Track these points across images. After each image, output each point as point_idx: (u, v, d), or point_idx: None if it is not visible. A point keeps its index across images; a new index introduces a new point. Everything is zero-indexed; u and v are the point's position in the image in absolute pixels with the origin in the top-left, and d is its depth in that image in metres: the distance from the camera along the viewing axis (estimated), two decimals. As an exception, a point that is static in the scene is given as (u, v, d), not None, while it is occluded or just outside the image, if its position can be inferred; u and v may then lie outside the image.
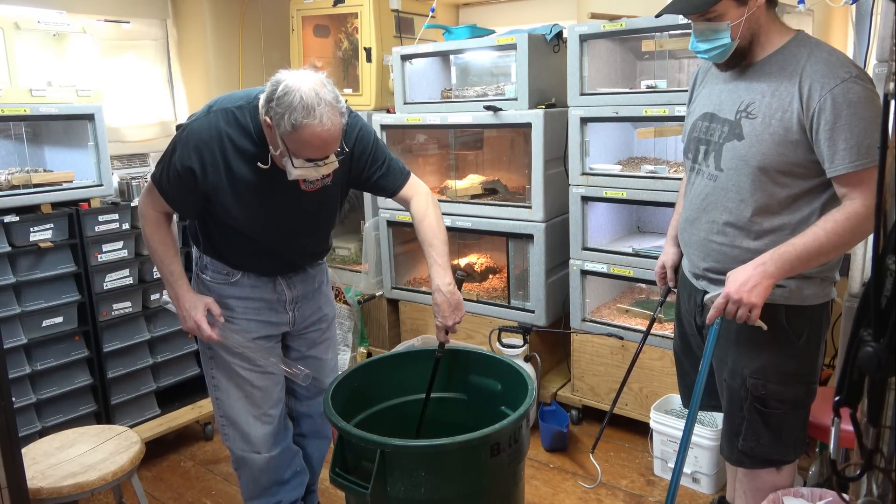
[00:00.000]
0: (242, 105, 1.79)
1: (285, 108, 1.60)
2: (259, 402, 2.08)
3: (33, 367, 2.61)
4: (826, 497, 1.79)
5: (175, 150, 1.81)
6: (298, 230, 1.98)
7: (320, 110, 1.60)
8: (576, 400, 3.09)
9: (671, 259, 2.10)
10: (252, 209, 1.86)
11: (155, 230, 1.92)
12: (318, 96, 1.61)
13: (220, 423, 2.13)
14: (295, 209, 1.92)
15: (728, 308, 1.66)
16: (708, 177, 1.79)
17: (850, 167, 1.56)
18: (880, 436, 1.11)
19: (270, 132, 1.70)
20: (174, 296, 1.93)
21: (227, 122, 1.78)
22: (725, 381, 1.86)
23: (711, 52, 1.70)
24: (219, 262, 2.00)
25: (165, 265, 1.93)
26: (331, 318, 2.23)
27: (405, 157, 3.56)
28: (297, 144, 1.65)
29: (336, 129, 1.66)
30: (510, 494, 1.81)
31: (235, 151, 1.78)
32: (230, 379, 2.05)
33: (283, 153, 1.69)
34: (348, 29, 3.73)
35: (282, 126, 1.63)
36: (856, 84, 1.55)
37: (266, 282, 2.02)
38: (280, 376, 2.12)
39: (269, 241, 1.95)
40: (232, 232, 1.93)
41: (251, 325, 2.02)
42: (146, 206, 1.91)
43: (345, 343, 3.57)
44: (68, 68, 2.83)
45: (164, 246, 1.93)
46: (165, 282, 1.95)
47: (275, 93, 1.63)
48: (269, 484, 2.18)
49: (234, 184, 1.81)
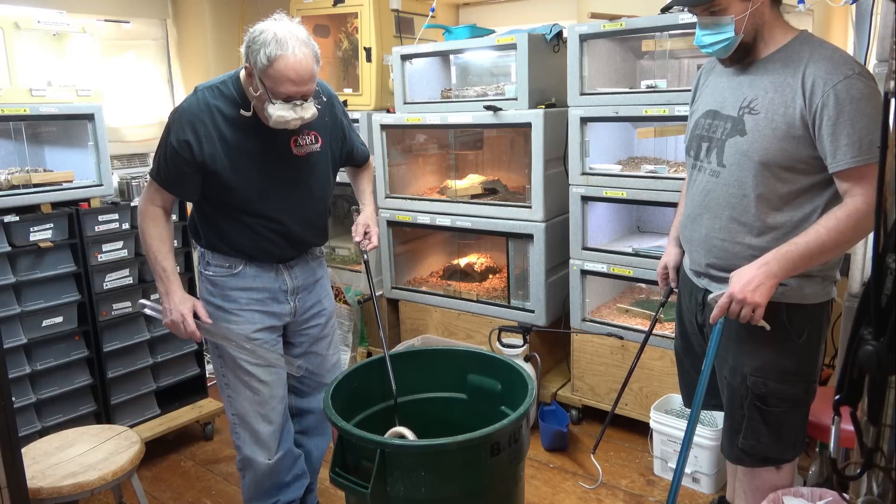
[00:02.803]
0: (225, 79, 1.94)
1: (260, 44, 1.74)
2: (266, 399, 2.10)
3: (33, 367, 2.61)
4: (826, 497, 1.78)
5: (170, 132, 1.89)
6: (294, 200, 2.02)
7: (293, 43, 1.75)
8: (576, 400, 3.09)
9: (673, 259, 2.10)
10: (250, 175, 1.94)
11: (152, 225, 1.95)
12: (290, 33, 1.76)
13: (232, 423, 2.16)
14: (290, 175, 2.00)
15: (732, 308, 1.67)
16: (710, 173, 1.80)
17: (852, 162, 1.56)
18: (880, 434, 1.11)
19: (250, 81, 1.83)
20: (164, 291, 1.95)
21: (213, 97, 1.90)
22: (726, 379, 1.86)
23: (716, 46, 1.71)
24: (220, 255, 2.04)
25: (159, 261, 1.95)
26: (330, 313, 2.26)
27: (405, 156, 3.56)
28: (273, 80, 1.76)
29: (309, 62, 1.78)
30: (510, 494, 1.81)
31: (225, 121, 1.89)
32: (238, 376, 2.08)
33: (263, 97, 1.80)
34: (348, 29, 3.73)
35: (258, 63, 1.75)
36: (858, 81, 1.56)
37: (268, 270, 2.06)
38: (282, 374, 2.14)
39: (268, 212, 1.99)
40: (233, 213, 1.98)
41: (255, 317, 2.06)
42: (145, 202, 1.97)
43: (345, 343, 3.57)
44: (68, 68, 2.83)
45: (159, 241, 1.96)
46: (157, 278, 1.97)
47: (249, 39, 1.78)
48: (270, 487, 2.20)
49: (229, 152, 1.90)
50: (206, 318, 1.99)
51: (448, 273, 3.63)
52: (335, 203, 3.94)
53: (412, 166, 3.60)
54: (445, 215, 3.25)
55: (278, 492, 2.22)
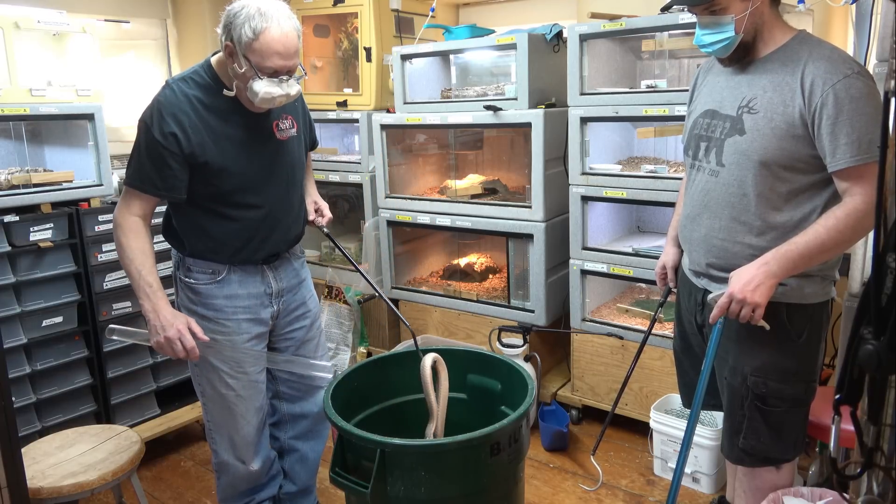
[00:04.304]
0: (196, 69, 1.90)
1: (244, 19, 1.72)
2: (242, 413, 2.07)
3: (33, 367, 2.61)
4: (826, 497, 1.78)
5: (149, 128, 1.81)
6: (280, 186, 2.00)
7: (277, 16, 1.74)
8: (576, 400, 3.09)
9: (671, 259, 2.10)
10: (240, 163, 1.90)
11: (133, 238, 1.84)
12: (272, 6, 1.75)
13: (208, 428, 2.15)
14: (274, 160, 1.98)
15: (732, 308, 1.67)
16: (709, 173, 1.80)
17: (851, 161, 1.56)
18: (881, 434, 1.11)
19: (232, 60, 1.79)
20: (150, 308, 1.82)
21: (189, 87, 1.85)
22: (726, 379, 1.86)
23: (716, 45, 1.72)
24: (204, 261, 1.97)
25: (143, 276, 1.82)
26: (315, 314, 2.22)
27: (405, 156, 3.56)
28: (260, 54, 1.74)
29: (294, 35, 1.77)
30: (510, 494, 1.81)
31: (207, 110, 1.85)
32: (215, 388, 2.04)
33: (248, 74, 1.76)
34: (348, 29, 3.73)
35: (243, 38, 1.73)
36: (857, 80, 1.57)
37: (253, 274, 2.01)
38: (261, 385, 2.11)
39: (255, 200, 1.94)
40: (218, 207, 1.91)
41: (242, 326, 2.01)
42: (122, 214, 1.85)
43: (345, 343, 3.57)
44: (68, 68, 2.84)
45: (142, 255, 1.83)
46: (141, 295, 1.83)
47: (230, 15, 1.75)
48: (246, 489, 2.21)
49: (217, 140, 1.86)
50: (202, 334, 1.86)
51: (448, 273, 3.63)
52: (335, 203, 3.94)
53: (412, 166, 3.60)
54: (445, 215, 3.25)
55: (252, 492, 2.22)
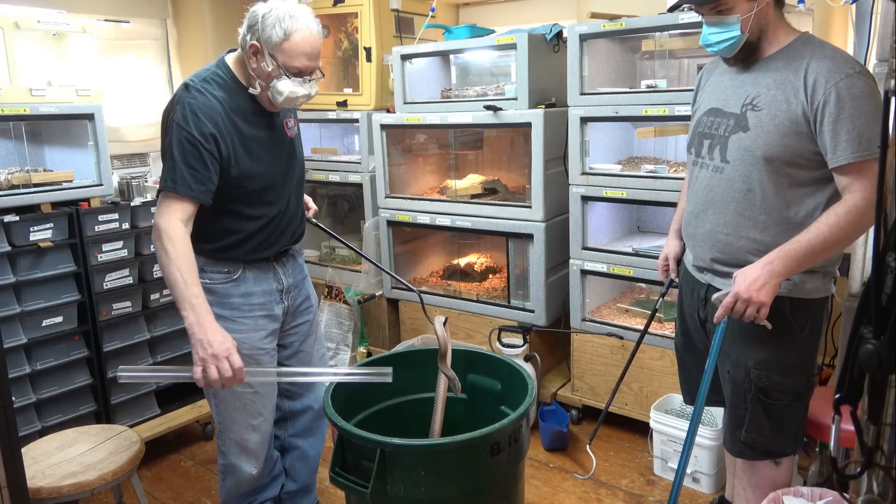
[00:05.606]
0: (213, 70, 1.90)
1: (274, 20, 1.77)
2: (259, 410, 2.07)
3: (33, 367, 2.61)
4: (826, 496, 1.78)
5: (186, 128, 1.76)
6: (293, 182, 2.06)
7: (306, 19, 1.81)
8: (576, 399, 3.09)
9: (674, 251, 2.13)
10: (265, 163, 1.94)
11: (180, 245, 1.74)
12: (300, 9, 1.81)
13: (217, 430, 2.13)
14: (288, 158, 2.03)
15: (737, 307, 1.69)
16: (713, 169, 1.82)
17: (852, 158, 1.59)
18: (881, 433, 1.11)
19: (256, 59, 1.82)
20: (196, 322, 1.72)
21: (214, 89, 1.86)
22: (729, 373, 1.88)
23: (722, 44, 1.74)
24: (219, 262, 1.97)
25: (189, 287, 1.73)
26: (315, 308, 2.27)
27: (405, 156, 3.56)
28: (289, 54, 1.79)
29: (319, 38, 1.85)
30: (510, 494, 1.81)
31: (233, 112, 1.87)
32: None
33: (273, 74, 1.81)
34: (348, 28, 3.73)
35: (273, 38, 1.77)
36: (859, 79, 1.60)
37: (265, 271, 2.04)
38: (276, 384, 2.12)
39: (274, 197, 1.98)
40: (239, 207, 1.92)
41: (259, 322, 2.02)
42: (167, 220, 1.75)
43: (345, 343, 3.57)
44: (68, 68, 2.83)
45: (189, 264, 1.74)
46: (185, 305, 1.72)
47: (256, 17, 1.79)
48: (248, 490, 2.21)
49: (245, 142, 1.90)
50: (239, 362, 1.75)
51: (448, 273, 3.63)
52: (335, 203, 3.94)
53: (412, 166, 3.60)
54: (445, 215, 3.25)
55: (255, 493, 2.22)
